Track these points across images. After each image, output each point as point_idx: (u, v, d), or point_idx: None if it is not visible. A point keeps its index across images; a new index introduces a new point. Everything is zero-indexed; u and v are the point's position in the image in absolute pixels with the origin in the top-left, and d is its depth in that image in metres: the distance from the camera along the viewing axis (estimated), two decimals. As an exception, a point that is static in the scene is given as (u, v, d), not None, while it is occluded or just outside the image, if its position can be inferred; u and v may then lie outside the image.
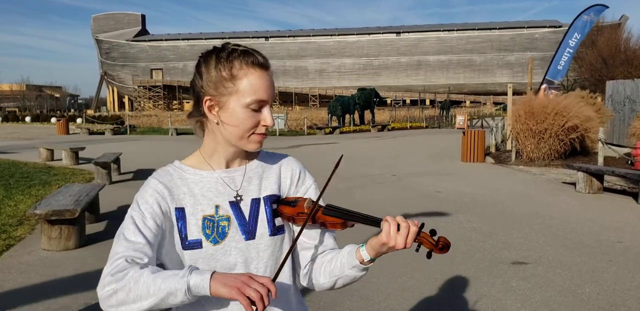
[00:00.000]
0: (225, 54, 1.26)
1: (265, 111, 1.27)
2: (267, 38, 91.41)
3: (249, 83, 1.24)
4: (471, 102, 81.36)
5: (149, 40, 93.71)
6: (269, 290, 1.08)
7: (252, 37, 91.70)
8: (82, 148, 13.82)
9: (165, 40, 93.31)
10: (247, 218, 1.32)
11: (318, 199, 1.31)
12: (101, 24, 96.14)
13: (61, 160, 13.86)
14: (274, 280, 1.13)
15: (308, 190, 1.42)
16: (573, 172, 9.96)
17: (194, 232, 1.27)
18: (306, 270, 1.40)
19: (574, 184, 9.30)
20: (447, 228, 6.34)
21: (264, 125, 1.28)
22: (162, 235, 1.27)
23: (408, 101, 79.70)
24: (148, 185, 1.30)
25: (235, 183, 1.34)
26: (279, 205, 1.36)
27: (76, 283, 4.41)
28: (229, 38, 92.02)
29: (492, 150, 16.21)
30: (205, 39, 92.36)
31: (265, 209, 1.34)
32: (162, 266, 1.27)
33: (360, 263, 1.27)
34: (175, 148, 18.52)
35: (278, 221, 1.35)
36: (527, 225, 6.51)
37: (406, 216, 7.06)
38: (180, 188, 1.30)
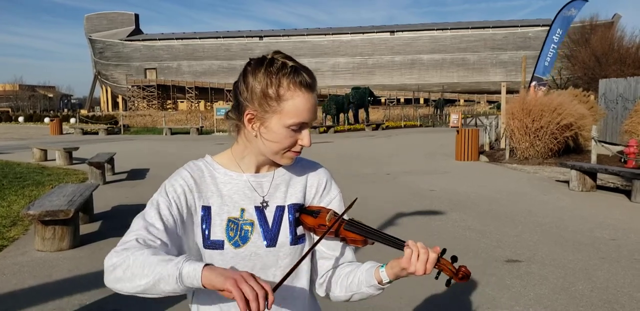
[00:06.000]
0: (275, 69, 1.24)
1: (305, 131, 1.27)
2: (261, 37, 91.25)
3: (294, 105, 1.23)
4: (465, 101, 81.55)
5: (143, 40, 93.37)
6: (267, 296, 1.00)
7: (247, 37, 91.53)
8: (76, 148, 13.77)
9: (159, 39, 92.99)
10: (270, 225, 1.32)
11: (342, 214, 1.30)
12: (94, 24, 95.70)
13: (55, 160, 13.80)
14: (275, 289, 1.06)
15: (332, 200, 1.42)
16: (566, 170, 10.01)
17: (218, 232, 1.28)
18: (322, 280, 1.40)
19: (567, 182, 9.34)
20: (441, 227, 6.36)
21: (300, 145, 1.29)
22: (184, 229, 1.26)
23: (402, 100, 79.77)
24: (179, 174, 1.30)
25: (263, 189, 1.34)
26: (301, 214, 1.36)
27: (70, 284, 4.40)
28: (223, 37, 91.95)
29: (486, 148, 16.26)
30: (200, 38, 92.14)
31: (289, 217, 1.34)
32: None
33: (378, 283, 1.28)
34: (169, 148, 18.47)
35: (299, 230, 1.35)
36: (520, 223, 6.54)
37: (400, 215, 7.11)
38: (209, 187, 1.31)
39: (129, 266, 1.08)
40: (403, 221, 6.66)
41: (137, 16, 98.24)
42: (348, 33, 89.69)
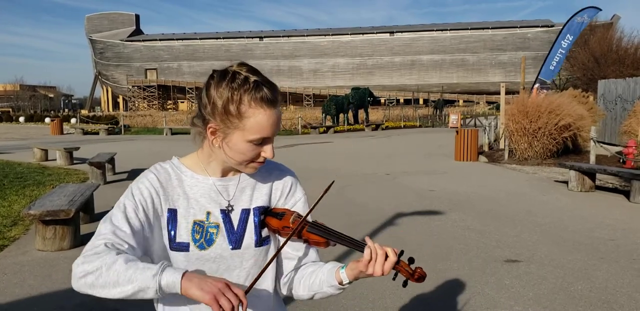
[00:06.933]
0: (237, 85, 1.23)
1: (268, 145, 1.28)
2: (261, 38, 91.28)
3: (255, 122, 1.23)
4: (464, 101, 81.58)
5: (143, 40, 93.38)
6: (240, 302, 1.10)
7: (247, 37, 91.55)
8: (77, 148, 13.77)
9: (160, 40, 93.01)
10: (235, 227, 1.34)
11: (305, 217, 1.32)
12: (95, 24, 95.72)
13: (55, 160, 13.81)
14: (246, 292, 1.15)
15: (297, 203, 1.44)
16: (565, 170, 10.03)
17: (183, 234, 1.30)
18: (286, 280, 1.43)
19: (566, 182, 9.36)
20: (440, 227, 6.37)
21: (264, 157, 1.30)
22: (151, 231, 1.28)
23: (402, 100, 79.74)
24: (146, 177, 1.31)
25: (229, 193, 1.36)
26: (266, 216, 1.38)
27: (71, 284, 4.41)
28: (223, 38, 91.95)
29: (485, 149, 16.27)
30: (200, 39, 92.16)
31: (254, 220, 1.36)
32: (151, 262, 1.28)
33: (339, 283, 1.31)
34: (170, 148, 18.47)
35: (264, 232, 1.37)
36: (519, 223, 6.56)
37: (400, 215, 7.12)
38: (175, 189, 1.32)
39: (102, 274, 1.12)
40: (403, 221, 6.68)
41: (137, 17, 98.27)
42: (348, 34, 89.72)
